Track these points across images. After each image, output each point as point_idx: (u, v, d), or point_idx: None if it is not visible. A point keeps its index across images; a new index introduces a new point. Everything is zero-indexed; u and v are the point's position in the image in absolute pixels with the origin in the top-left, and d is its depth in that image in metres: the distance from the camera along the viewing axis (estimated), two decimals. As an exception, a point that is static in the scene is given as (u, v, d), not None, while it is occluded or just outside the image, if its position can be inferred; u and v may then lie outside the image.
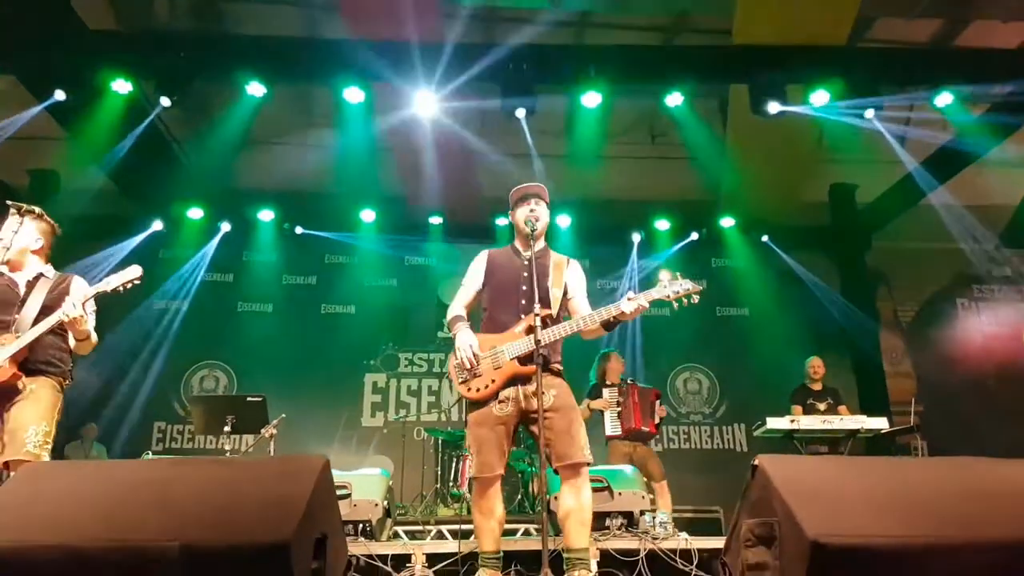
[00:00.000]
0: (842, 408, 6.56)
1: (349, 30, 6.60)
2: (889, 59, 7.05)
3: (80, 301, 3.20)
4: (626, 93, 7.31)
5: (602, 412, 6.21)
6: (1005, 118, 7.38)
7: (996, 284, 9.99)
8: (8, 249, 3.36)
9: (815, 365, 6.76)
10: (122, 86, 6.12)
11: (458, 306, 3.47)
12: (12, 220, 3.40)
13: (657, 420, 6.24)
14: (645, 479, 5.78)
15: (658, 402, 6.28)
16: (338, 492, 4.68)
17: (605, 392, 6.23)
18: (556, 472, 3.17)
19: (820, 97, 6.63)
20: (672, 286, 3.19)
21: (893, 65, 6.94)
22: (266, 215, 8.98)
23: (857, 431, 6.03)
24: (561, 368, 3.34)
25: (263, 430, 5.47)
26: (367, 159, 8.11)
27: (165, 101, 6.12)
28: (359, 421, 8.76)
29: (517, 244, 3.51)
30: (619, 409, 6.15)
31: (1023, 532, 2.38)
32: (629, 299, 3.17)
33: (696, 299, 3.19)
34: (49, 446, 3.18)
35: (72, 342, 3.39)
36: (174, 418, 8.68)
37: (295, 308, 9.09)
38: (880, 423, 6.04)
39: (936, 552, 2.30)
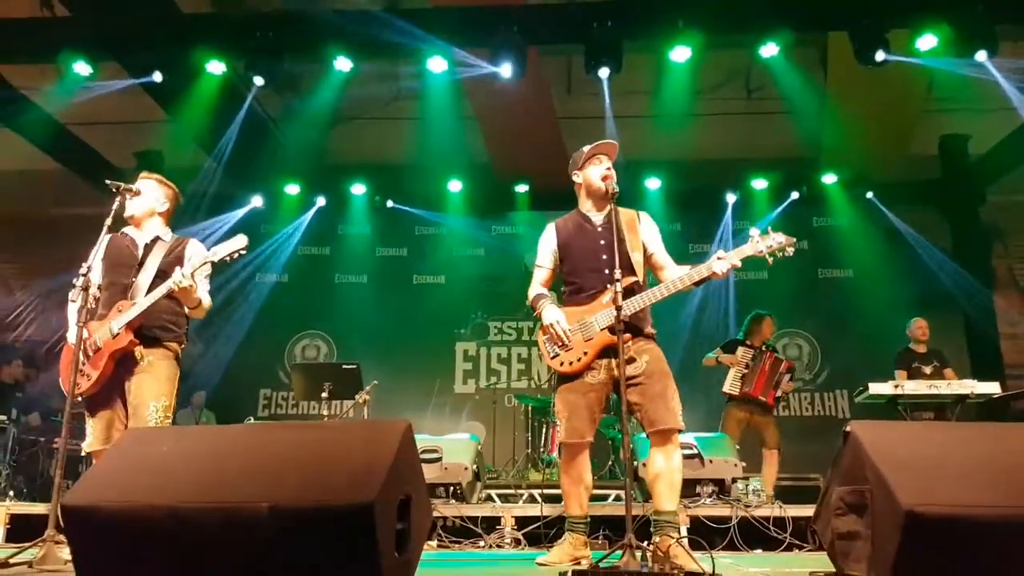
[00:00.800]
0: (948, 371, 6.21)
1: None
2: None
3: (190, 271, 3.26)
4: (718, 46, 6.98)
5: (727, 367, 6.07)
6: None
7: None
8: (133, 213, 3.49)
9: (920, 326, 6.40)
10: (216, 67, 6.37)
11: (536, 285, 3.44)
12: (128, 196, 3.49)
13: (779, 393, 6.05)
14: (760, 446, 5.67)
15: (788, 376, 6.08)
16: (429, 456, 4.84)
17: (739, 350, 6.07)
18: (647, 437, 3.15)
19: (927, 42, 6.14)
20: (764, 241, 3.08)
21: (1006, 3, 6.32)
22: (358, 189, 9.24)
23: (966, 396, 5.68)
24: (654, 332, 3.27)
25: (357, 396, 5.68)
26: (452, 129, 8.15)
27: (259, 80, 6.33)
28: (452, 388, 8.98)
29: (585, 209, 3.43)
30: (745, 372, 5.99)
31: None
32: (720, 258, 3.09)
33: (791, 251, 3.08)
34: (169, 419, 3.32)
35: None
36: (279, 385, 9.15)
37: (388, 279, 9.36)
38: (991, 387, 5.69)
39: None
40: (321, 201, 9.33)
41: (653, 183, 8.69)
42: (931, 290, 8.36)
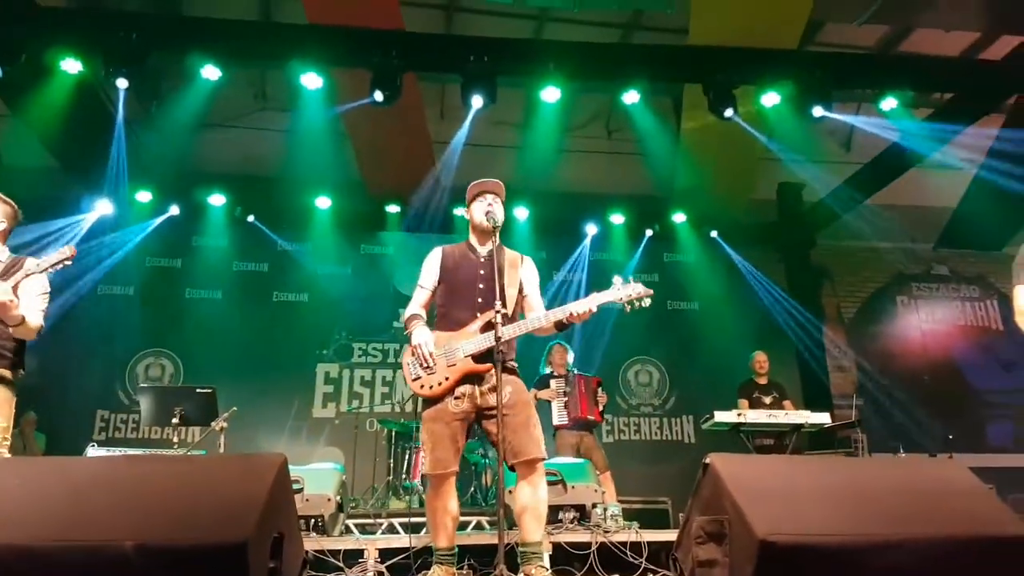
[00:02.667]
0: (787, 403, 6.76)
1: (307, 14, 6.49)
2: (838, 63, 7.25)
3: (10, 286, 3.06)
4: (584, 89, 7.37)
5: (549, 402, 6.30)
6: (946, 124, 7.66)
7: (934, 283, 10.40)
8: None
9: (760, 360, 6.98)
10: (72, 65, 5.90)
11: (415, 306, 3.46)
12: None
13: (601, 407, 6.36)
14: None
15: (599, 388, 6.41)
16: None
17: (552, 383, 6.32)
18: (512, 468, 3.20)
19: (770, 98, 6.81)
20: (624, 290, 3.24)
21: (841, 69, 7.13)
22: (217, 199, 8.74)
23: (801, 425, 6.23)
24: (515, 365, 3.37)
25: (213, 423, 5.37)
26: (323, 145, 7.98)
27: (121, 83, 5.93)
28: (310, 412, 8.65)
29: (472, 241, 3.52)
30: (566, 399, 6.25)
31: (960, 529, 2.55)
32: (580, 302, 3.23)
33: (648, 302, 3.25)
34: (8, 443, 3.08)
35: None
36: (118, 407, 8.44)
37: (246, 295, 8.90)
38: (823, 418, 6.24)
39: (879, 549, 2.43)
40: (175, 210, 8.74)
41: (521, 212, 8.92)
42: (769, 324, 9.12)
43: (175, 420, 5.32)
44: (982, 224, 9.26)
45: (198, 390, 5.51)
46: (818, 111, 6.63)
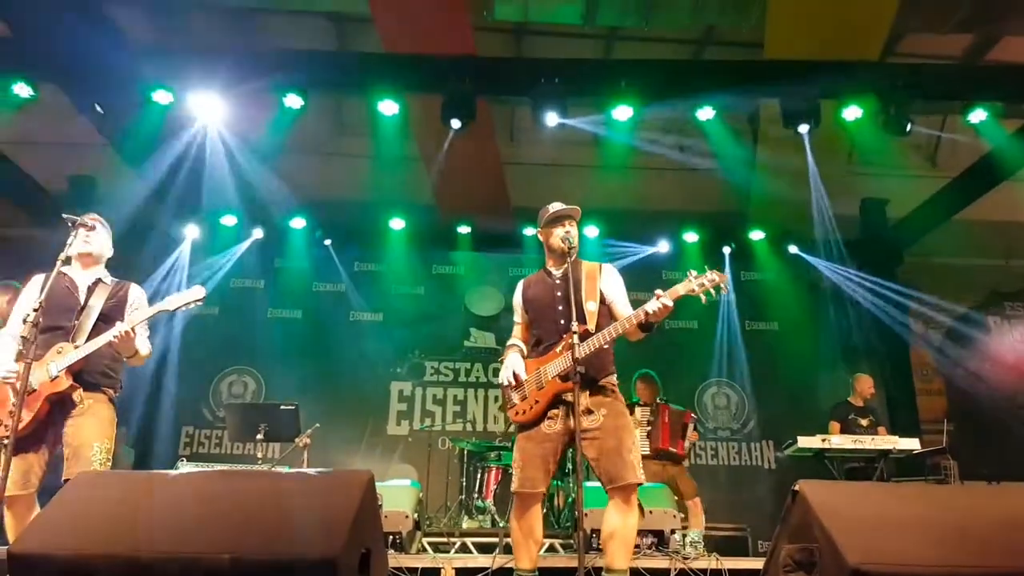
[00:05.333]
0: (881, 429, 6.53)
1: (382, 43, 6.69)
2: (922, 74, 6.99)
3: (136, 322, 3.26)
4: (658, 105, 7.32)
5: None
6: (1041, 134, 7.29)
7: (1030, 301, 9.83)
8: (91, 251, 3.41)
9: (866, 383, 6.76)
10: (163, 97, 6.25)
11: (513, 339, 3.55)
12: (83, 231, 3.40)
13: (688, 443, 6.26)
14: (676, 497, 5.78)
15: (691, 426, 6.32)
16: (371, 503, 4.73)
17: (637, 411, 6.27)
18: (608, 493, 3.14)
19: (852, 112, 6.60)
20: (697, 279, 3.18)
21: (926, 80, 6.88)
22: (298, 223, 9.09)
23: (889, 451, 5.97)
24: (614, 384, 3.32)
25: (297, 439, 5.52)
26: (398, 168, 8.20)
27: (206, 112, 6.23)
28: (385, 429, 8.80)
29: (548, 265, 3.54)
30: (649, 428, 6.19)
31: None
32: (657, 297, 3.18)
33: (725, 288, 3.18)
34: (110, 463, 3.25)
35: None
36: (203, 423, 8.79)
37: (324, 315, 9.18)
38: (912, 443, 5.98)
39: None
40: (258, 233, 9.12)
41: (592, 231, 8.88)
42: (852, 345, 8.80)
43: (259, 436, 5.48)
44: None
45: (282, 407, 5.67)
46: (904, 124, 6.40)
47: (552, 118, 6.31)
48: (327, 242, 9.20)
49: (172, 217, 8.66)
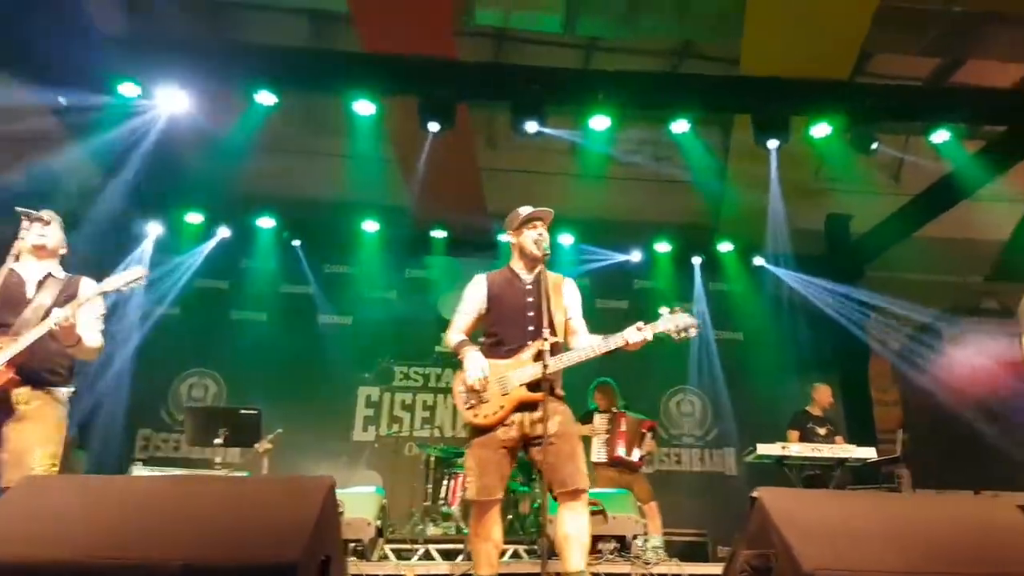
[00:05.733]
0: (839, 438, 6.67)
1: (363, 43, 6.64)
2: (890, 94, 7.15)
3: (73, 308, 3.10)
4: (634, 117, 7.39)
5: (590, 438, 6.27)
6: (998, 156, 7.48)
7: (983, 317, 10.08)
8: (45, 243, 3.31)
9: (824, 392, 6.90)
10: (130, 90, 6.12)
11: (458, 332, 3.47)
12: (39, 225, 3.31)
13: (644, 452, 6.27)
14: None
15: (649, 435, 6.34)
16: (333, 508, 4.68)
17: (595, 419, 6.30)
18: (555, 498, 3.18)
19: (821, 129, 6.73)
20: (673, 320, 3.29)
21: (893, 100, 7.04)
22: (266, 222, 8.93)
23: (846, 460, 6.10)
24: (563, 394, 3.38)
25: (257, 445, 5.43)
26: (372, 170, 8.14)
27: (179, 106, 6.10)
28: (350, 435, 8.70)
29: (516, 267, 3.53)
30: (606, 436, 6.22)
31: (1010, 569, 2.53)
32: (639, 329, 3.25)
33: (694, 333, 3.30)
34: (56, 468, 3.09)
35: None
36: (161, 426, 8.59)
37: (290, 318, 9.03)
38: (868, 452, 6.13)
39: None
40: (224, 232, 8.95)
41: (566, 239, 8.90)
42: (814, 356, 8.94)
43: (219, 441, 5.37)
44: (1033, 257, 9.01)
45: (243, 411, 5.57)
46: (870, 143, 6.55)
47: (531, 126, 6.32)
48: (296, 243, 9.06)
49: (135, 214, 8.49)
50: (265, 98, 6.34)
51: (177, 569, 2.09)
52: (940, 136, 7.03)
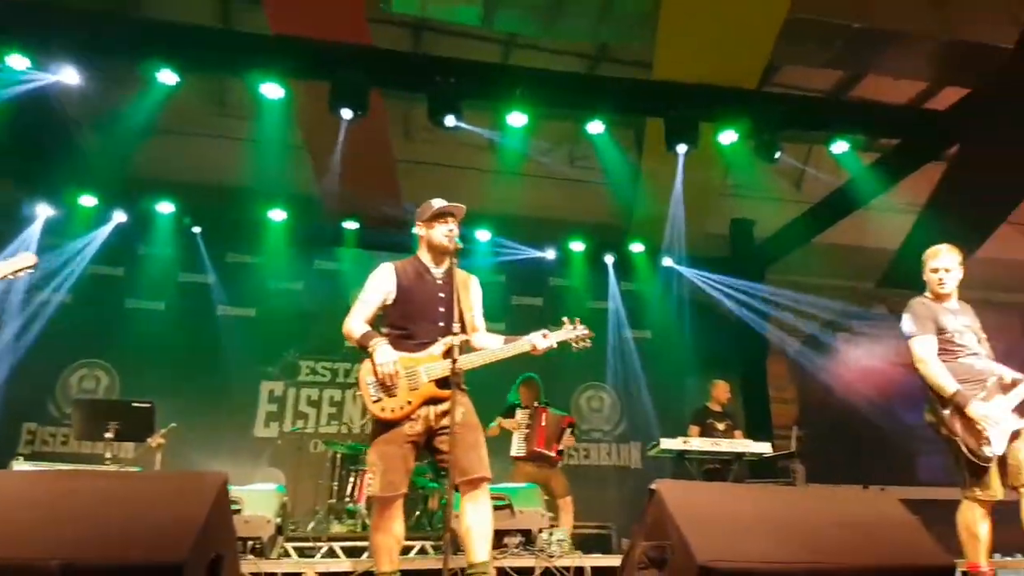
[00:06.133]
0: (738, 433, 6.93)
1: (271, 24, 6.42)
2: (793, 105, 7.48)
3: None
4: (550, 116, 7.45)
5: (511, 431, 6.30)
6: (891, 168, 7.94)
7: (874, 321, 10.71)
8: None
9: (722, 388, 7.14)
10: (18, 62, 5.69)
11: (361, 321, 3.33)
12: None
13: (562, 447, 6.34)
14: (547, 497, 5.87)
15: (569, 430, 6.42)
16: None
17: (517, 413, 6.32)
18: (457, 488, 3.16)
19: (728, 136, 6.96)
20: (573, 332, 3.46)
21: (796, 111, 7.39)
22: (165, 207, 8.46)
23: (743, 454, 6.38)
24: (467, 388, 3.37)
25: (150, 440, 5.18)
26: (281, 156, 7.87)
27: (70, 80, 5.73)
28: (251, 431, 8.38)
29: (426, 260, 3.48)
30: (527, 431, 6.25)
31: (890, 559, 2.68)
32: (544, 336, 3.36)
33: (588, 344, 3.49)
34: None
35: None
36: (47, 419, 8.04)
37: (189, 308, 8.59)
38: (764, 447, 6.42)
39: None
40: (120, 216, 8.45)
41: (483, 234, 8.86)
42: (717, 354, 9.26)
43: (109, 435, 5.13)
44: (920, 267, 9.58)
45: (134, 404, 5.35)
46: (774, 151, 6.82)
47: (449, 120, 6.25)
48: (196, 230, 8.65)
49: (22, 194, 7.92)
50: (167, 77, 6.02)
51: (55, 569, 1.98)
52: (839, 147, 7.39)
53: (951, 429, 3.57)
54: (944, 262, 3.88)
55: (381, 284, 3.40)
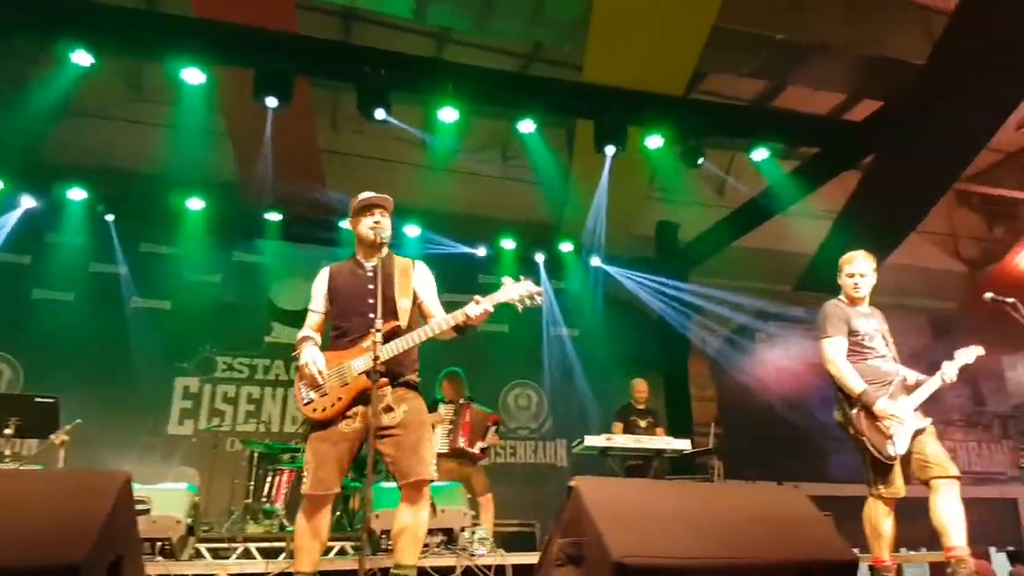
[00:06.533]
0: (659, 430, 7.09)
1: (194, 8, 6.18)
2: (717, 112, 7.69)
3: None
4: (482, 113, 7.44)
5: (434, 427, 6.21)
6: (809, 176, 8.26)
7: (789, 323, 11.12)
8: None
9: (640, 388, 7.27)
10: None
11: (306, 329, 3.34)
12: None
13: (485, 445, 6.30)
14: (469, 495, 5.85)
15: (493, 428, 6.35)
16: (136, 507, 4.31)
17: (441, 408, 6.25)
18: (399, 488, 3.13)
19: (654, 141, 7.10)
20: (516, 289, 3.26)
21: (720, 118, 7.60)
22: (77, 194, 8.01)
23: (663, 451, 6.54)
24: (416, 381, 3.30)
25: (53, 436, 4.93)
26: (201, 143, 7.58)
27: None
28: (165, 428, 8.06)
29: (359, 256, 3.43)
30: (450, 427, 6.19)
31: (798, 555, 2.76)
32: (476, 303, 3.22)
33: (540, 300, 3.28)
34: None
35: None
36: (-58, 414, 7.56)
37: (101, 299, 8.18)
38: (683, 444, 6.60)
39: (724, 572, 2.57)
40: (29, 202, 7.95)
41: (413, 230, 8.76)
42: (642, 353, 9.45)
43: (8, 431, 4.88)
44: (836, 271, 10.01)
45: (37, 399, 5.12)
46: (697, 157, 6.99)
47: (379, 113, 6.15)
48: (109, 218, 8.25)
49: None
50: (81, 58, 5.73)
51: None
52: (760, 154, 7.65)
53: (858, 428, 3.70)
54: (859, 267, 4.02)
55: (318, 289, 3.41)
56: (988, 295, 3.88)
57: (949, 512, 3.56)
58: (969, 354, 3.92)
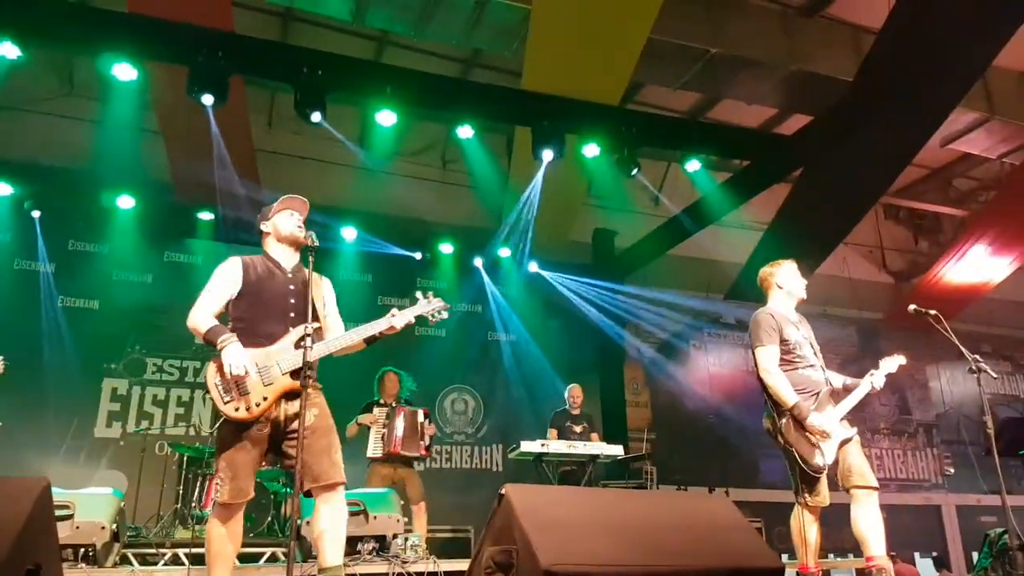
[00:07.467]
0: (595, 435, 7.12)
1: (127, 3, 6.03)
2: (652, 123, 7.88)
3: None
4: (420, 116, 7.44)
5: (369, 429, 6.14)
6: (741, 188, 8.53)
7: (722, 330, 11.46)
8: None
9: (575, 393, 7.31)
10: None
11: (208, 315, 3.17)
12: None
13: (427, 442, 6.23)
14: (403, 501, 5.81)
15: (427, 420, 6.24)
16: (58, 513, 4.18)
17: (375, 409, 6.16)
18: (309, 494, 3.09)
19: (591, 149, 7.24)
20: (430, 305, 3.43)
21: (655, 129, 7.80)
22: (3, 189, 7.68)
23: (597, 456, 6.61)
24: (320, 385, 3.26)
25: (-32, 439, 4.74)
26: (132, 140, 7.40)
27: None
28: (91, 431, 7.79)
29: (275, 255, 3.38)
30: (383, 430, 6.11)
31: (723, 562, 2.85)
32: (393, 315, 3.30)
33: (445, 315, 3.47)
34: None
35: None
36: None
37: (24, 298, 7.85)
38: (617, 450, 6.68)
39: None
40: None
41: (350, 233, 8.68)
42: (579, 359, 9.60)
43: (-79, 435, 4.64)
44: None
45: (-49, 401, 4.84)
46: (632, 166, 7.16)
47: (315, 115, 6.10)
48: (36, 214, 7.93)
49: None
50: (8, 50, 5.53)
51: None
52: (693, 165, 7.87)
53: (786, 438, 3.72)
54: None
55: (229, 277, 3.27)
56: (912, 307, 4.02)
57: (868, 522, 3.65)
58: (892, 363, 3.99)
